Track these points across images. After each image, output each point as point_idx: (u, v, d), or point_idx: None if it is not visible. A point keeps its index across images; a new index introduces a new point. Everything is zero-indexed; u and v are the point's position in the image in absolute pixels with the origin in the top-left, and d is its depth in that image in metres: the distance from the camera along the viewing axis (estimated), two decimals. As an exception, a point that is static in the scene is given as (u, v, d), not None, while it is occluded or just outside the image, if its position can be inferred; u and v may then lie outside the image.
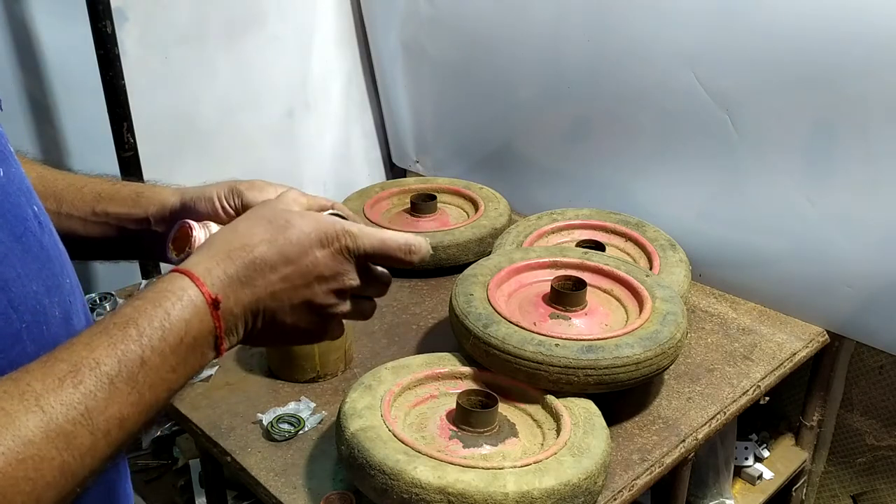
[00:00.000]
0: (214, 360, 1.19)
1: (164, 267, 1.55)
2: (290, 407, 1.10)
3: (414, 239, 0.68)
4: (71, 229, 0.74)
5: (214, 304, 0.55)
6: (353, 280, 0.63)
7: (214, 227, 0.70)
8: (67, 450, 0.46)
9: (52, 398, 0.46)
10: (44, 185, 0.75)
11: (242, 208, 0.71)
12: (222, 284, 0.56)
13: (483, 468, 0.87)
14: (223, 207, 0.72)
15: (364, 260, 0.64)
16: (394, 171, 2.04)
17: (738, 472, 1.39)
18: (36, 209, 0.58)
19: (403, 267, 0.67)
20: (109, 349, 0.50)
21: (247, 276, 0.57)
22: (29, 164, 0.75)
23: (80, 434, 0.46)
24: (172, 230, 0.70)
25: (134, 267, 1.54)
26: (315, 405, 1.11)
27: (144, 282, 1.40)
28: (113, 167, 1.43)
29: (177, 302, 0.54)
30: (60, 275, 0.58)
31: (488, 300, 1.10)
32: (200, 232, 0.69)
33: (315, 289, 0.61)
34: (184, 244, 0.69)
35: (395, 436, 0.91)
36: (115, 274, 1.52)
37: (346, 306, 0.64)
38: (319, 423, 1.08)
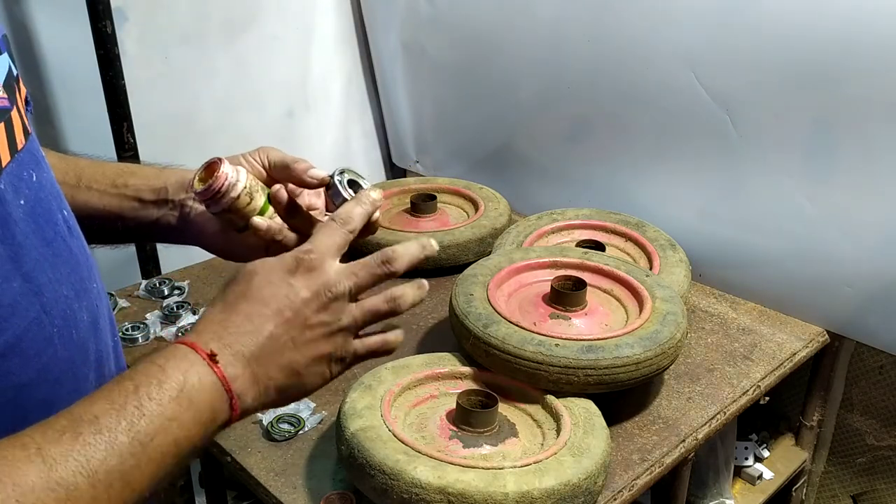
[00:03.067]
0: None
1: (163, 266, 1.55)
2: (290, 407, 1.10)
3: (389, 250, 0.67)
4: (87, 202, 0.75)
5: (211, 356, 0.55)
6: (338, 285, 0.62)
7: (243, 171, 0.71)
8: (68, 501, 0.45)
9: (52, 449, 0.46)
10: (66, 163, 0.76)
11: (269, 164, 0.75)
12: (214, 341, 0.56)
13: (483, 468, 0.87)
14: (254, 168, 0.75)
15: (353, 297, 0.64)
16: (394, 171, 2.04)
17: (738, 472, 1.39)
18: (65, 213, 0.59)
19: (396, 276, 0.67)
20: (106, 403, 0.50)
21: (237, 329, 0.58)
22: (43, 149, 0.76)
23: (80, 485, 0.46)
24: (201, 166, 0.71)
25: (134, 267, 1.54)
26: (315, 405, 1.11)
27: (144, 282, 1.39)
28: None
29: (171, 358, 0.54)
30: (88, 279, 0.59)
31: (488, 300, 1.10)
32: (228, 166, 0.70)
33: (306, 312, 0.60)
34: (210, 173, 0.70)
35: (395, 436, 0.91)
36: (116, 274, 1.52)
37: (344, 316, 0.63)
38: (319, 423, 1.08)
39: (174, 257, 1.53)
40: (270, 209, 0.74)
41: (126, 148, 1.44)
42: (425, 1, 1.70)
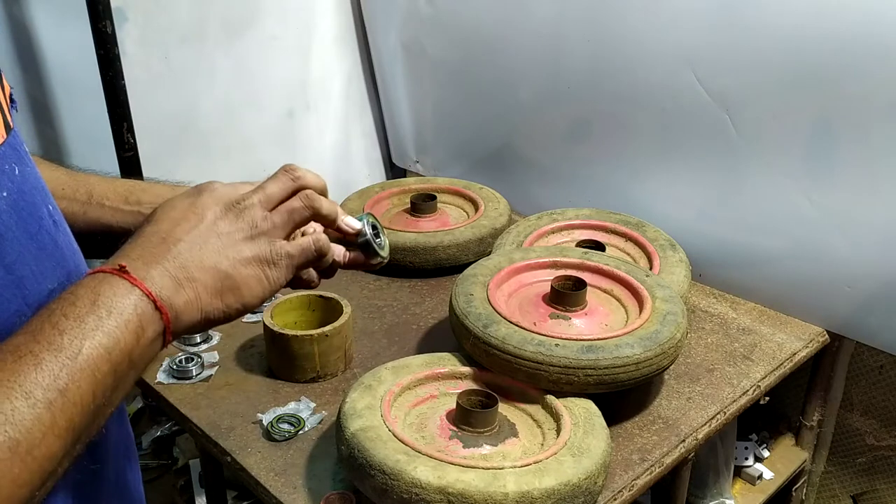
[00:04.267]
0: (214, 361, 1.19)
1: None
2: (290, 407, 1.10)
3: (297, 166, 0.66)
4: (100, 219, 0.75)
5: (120, 269, 0.54)
6: (239, 189, 0.62)
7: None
8: (11, 425, 0.45)
9: None
10: (75, 180, 0.76)
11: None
12: (120, 258, 0.56)
13: (483, 468, 0.87)
14: None
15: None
16: (394, 171, 2.04)
17: (739, 472, 1.39)
18: (50, 208, 0.59)
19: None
20: (25, 334, 0.49)
21: (141, 243, 0.57)
22: (52, 165, 0.76)
23: (18, 407, 0.46)
24: None
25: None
26: (315, 405, 1.11)
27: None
28: (113, 167, 1.43)
29: (79, 284, 0.53)
30: (75, 273, 0.59)
31: (488, 300, 1.10)
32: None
33: (208, 214, 0.60)
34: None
35: (395, 436, 0.91)
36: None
37: (256, 210, 0.61)
38: (319, 423, 1.08)
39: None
40: None
41: (126, 148, 1.44)
42: (425, 1, 1.70)
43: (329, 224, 0.68)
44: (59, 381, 0.48)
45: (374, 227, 0.73)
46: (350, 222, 0.70)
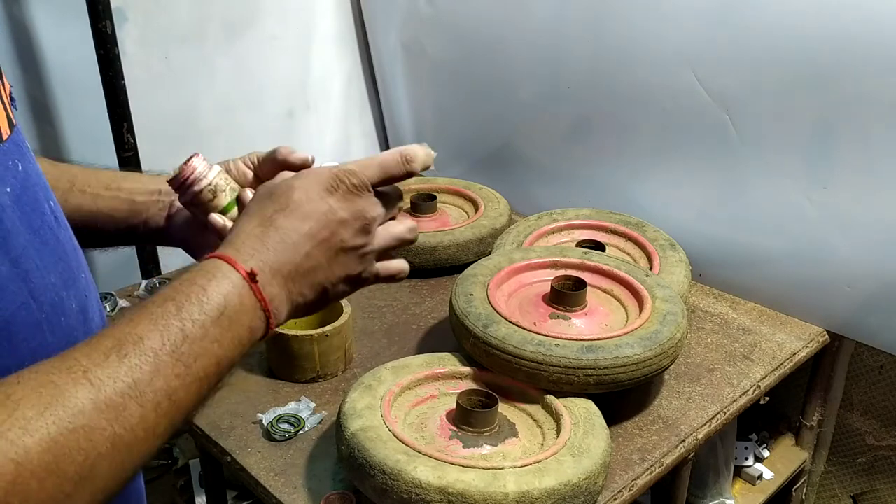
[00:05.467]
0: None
1: (163, 267, 1.55)
2: (290, 407, 1.10)
3: (408, 148, 0.67)
4: (80, 206, 0.76)
5: (251, 276, 0.56)
6: (373, 210, 0.64)
7: (216, 169, 0.74)
8: (118, 421, 0.46)
9: (98, 371, 0.47)
10: (58, 169, 0.78)
11: (258, 163, 0.76)
12: (254, 259, 0.57)
13: (483, 468, 0.87)
14: (238, 168, 0.76)
15: (372, 188, 0.65)
16: (394, 171, 2.04)
17: (738, 472, 1.39)
18: (52, 204, 0.59)
19: (410, 177, 0.67)
20: (150, 324, 0.51)
21: (275, 246, 0.58)
22: (37, 157, 0.76)
23: (129, 406, 0.47)
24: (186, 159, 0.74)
25: (134, 267, 1.54)
26: (315, 405, 1.11)
27: (145, 282, 1.39)
28: (113, 167, 1.43)
29: (211, 279, 0.55)
30: (77, 269, 0.59)
31: (488, 300, 1.10)
32: (200, 160, 0.73)
33: (342, 234, 0.61)
34: (184, 168, 0.72)
35: (395, 436, 0.91)
36: (116, 274, 1.52)
37: (374, 239, 0.64)
38: (319, 423, 1.08)
39: (174, 258, 1.53)
40: (235, 211, 0.75)
41: (126, 148, 1.44)
42: (425, 1, 1.70)
43: None
44: (171, 385, 0.50)
45: None
46: None
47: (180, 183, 0.72)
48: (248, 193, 0.75)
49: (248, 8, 1.65)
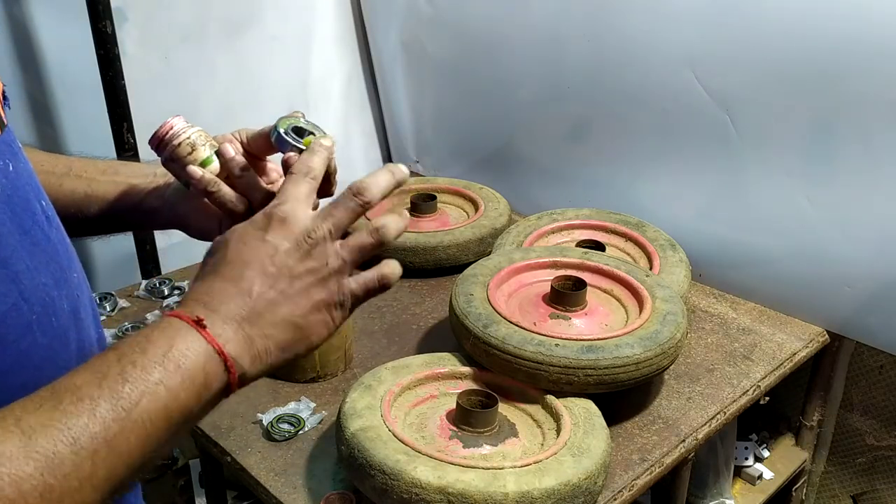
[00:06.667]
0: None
1: (163, 267, 1.55)
2: (290, 407, 1.10)
3: (357, 182, 0.64)
4: (74, 189, 0.77)
5: (197, 322, 0.54)
6: (316, 230, 0.60)
7: (195, 128, 0.75)
8: (48, 470, 0.44)
9: (30, 419, 0.45)
10: (55, 157, 0.79)
11: (248, 139, 0.76)
12: (200, 309, 0.55)
13: (483, 468, 0.87)
14: (225, 137, 0.76)
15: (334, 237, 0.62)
16: (394, 171, 2.04)
17: (738, 472, 1.39)
18: (43, 203, 0.59)
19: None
20: (89, 374, 0.49)
21: (221, 296, 0.57)
22: (30, 147, 0.77)
23: (61, 452, 0.45)
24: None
25: (134, 267, 1.54)
26: (315, 405, 1.11)
27: (144, 282, 1.39)
28: (113, 163, 1.43)
29: (155, 328, 0.53)
30: (68, 269, 0.59)
31: (488, 300, 1.10)
32: (178, 119, 0.75)
33: (289, 262, 0.59)
34: (163, 125, 0.74)
35: (395, 436, 0.91)
36: (115, 274, 1.52)
37: (330, 259, 0.61)
38: (319, 423, 1.08)
39: (174, 257, 1.53)
40: (215, 165, 0.75)
41: (126, 148, 1.44)
42: (425, 1, 1.70)
43: (391, 242, 0.67)
44: (109, 431, 0.47)
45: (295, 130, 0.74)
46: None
47: (159, 139, 0.73)
48: (228, 147, 0.74)
49: (248, 8, 1.65)
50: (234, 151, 0.75)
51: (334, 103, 1.89)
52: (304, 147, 0.72)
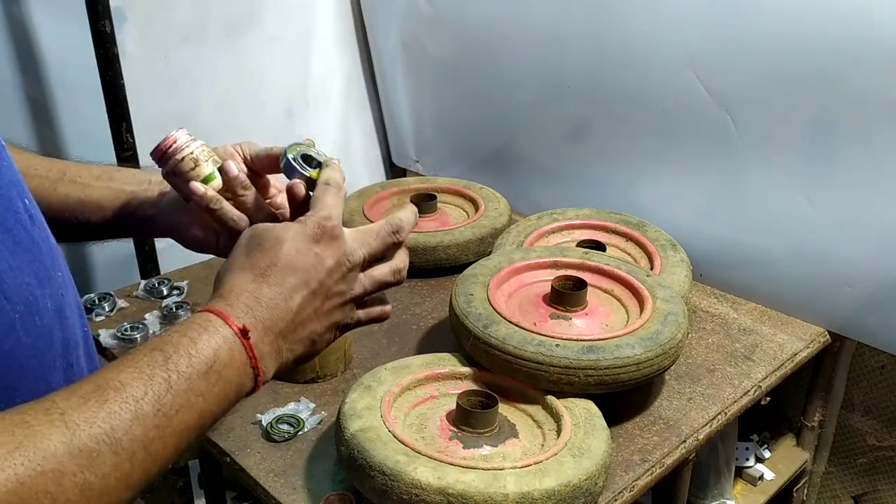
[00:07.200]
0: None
1: (162, 267, 1.54)
2: (290, 407, 1.10)
3: (396, 219, 0.68)
4: (68, 195, 0.77)
5: (243, 332, 0.56)
6: (355, 254, 0.64)
7: (198, 142, 0.75)
8: (90, 468, 0.45)
9: (75, 415, 0.46)
10: (50, 162, 0.78)
11: (253, 157, 0.78)
12: (248, 316, 0.57)
13: (483, 469, 0.87)
14: (226, 150, 0.77)
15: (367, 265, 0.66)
16: (394, 170, 2.04)
17: (739, 472, 1.39)
18: (27, 202, 0.59)
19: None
20: (135, 372, 0.50)
21: (268, 303, 0.59)
22: (24, 150, 0.77)
23: (103, 452, 0.46)
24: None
25: (133, 267, 1.53)
26: (314, 406, 1.11)
27: (143, 282, 1.39)
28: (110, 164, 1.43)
29: (203, 332, 0.55)
30: (52, 268, 0.59)
31: (488, 300, 1.10)
32: (182, 132, 0.74)
33: (328, 282, 0.62)
34: (166, 138, 0.74)
35: (394, 436, 0.91)
36: (115, 274, 1.52)
37: (356, 286, 0.65)
38: (319, 423, 1.08)
39: (173, 258, 1.53)
40: (217, 182, 0.75)
41: (125, 148, 1.43)
42: (425, 1, 1.69)
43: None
44: (149, 436, 0.49)
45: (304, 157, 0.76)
46: None
47: (162, 152, 0.73)
48: (232, 165, 0.75)
49: (248, 8, 1.65)
50: (237, 169, 0.76)
51: (334, 103, 1.89)
52: (311, 176, 0.73)
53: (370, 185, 1.67)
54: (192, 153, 0.74)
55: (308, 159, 0.75)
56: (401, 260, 0.68)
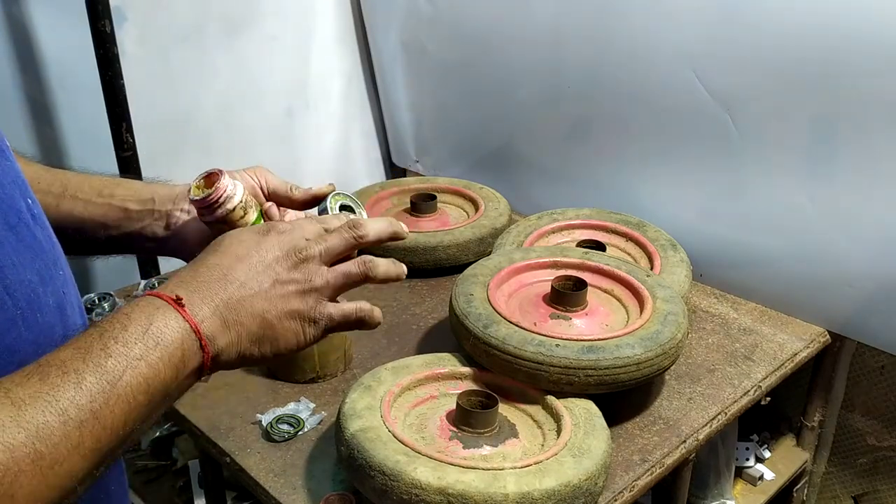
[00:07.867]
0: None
1: (162, 267, 1.54)
2: (290, 407, 1.10)
3: (360, 218, 0.69)
4: (72, 212, 0.77)
5: (177, 300, 0.56)
6: (311, 247, 0.64)
7: (241, 185, 0.74)
8: (38, 438, 0.46)
9: (20, 391, 0.47)
10: (51, 174, 0.78)
11: (267, 188, 0.78)
12: (180, 289, 0.58)
13: (483, 469, 0.87)
14: (246, 181, 0.77)
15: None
16: (394, 170, 2.04)
17: (739, 472, 1.38)
18: (30, 202, 0.59)
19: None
20: (73, 350, 0.51)
21: (205, 278, 0.60)
22: (29, 160, 0.77)
23: (50, 422, 0.47)
24: (199, 175, 0.74)
25: (133, 267, 1.53)
26: (314, 406, 1.11)
27: (143, 282, 1.39)
28: (112, 167, 1.42)
29: (135, 307, 0.56)
30: (54, 266, 0.59)
31: (488, 300, 1.10)
32: (228, 179, 0.73)
33: (277, 268, 0.62)
34: (210, 183, 0.72)
35: (394, 436, 0.91)
36: (114, 274, 1.52)
37: (316, 277, 0.64)
38: (319, 423, 1.08)
39: (173, 258, 1.53)
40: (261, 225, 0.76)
41: (125, 148, 1.43)
42: (425, 0, 1.69)
43: (377, 281, 0.69)
44: (95, 403, 0.49)
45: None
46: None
47: (211, 203, 0.72)
48: (274, 209, 0.77)
49: (248, 8, 1.65)
50: (278, 215, 0.78)
51: (334, 103, 1.89)
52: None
53: (370, 185, 1.67)
54: (241, 202, 0.74)
55: (346, 209, 0.76)
56: (371, 258, 0.68)
